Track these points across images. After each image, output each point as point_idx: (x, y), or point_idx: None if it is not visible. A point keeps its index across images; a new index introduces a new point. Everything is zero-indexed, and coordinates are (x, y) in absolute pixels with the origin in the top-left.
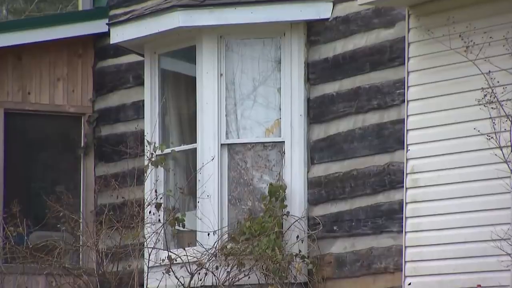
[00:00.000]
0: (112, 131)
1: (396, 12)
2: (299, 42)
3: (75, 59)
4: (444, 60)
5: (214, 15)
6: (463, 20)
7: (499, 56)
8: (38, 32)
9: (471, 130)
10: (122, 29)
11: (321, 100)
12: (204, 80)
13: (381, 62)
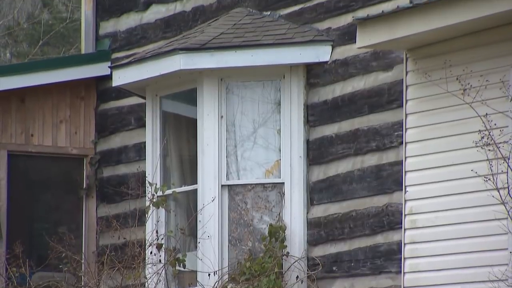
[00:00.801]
0: (114, 173)
1: (394, 55)
2: (298, 84)
3: (77, 101)
4: (441, 102)
5: (215, 58)
6: (460, 63)
7: (496, 99)
8: (41, 75)
9: (469, 172)
10: (124, 72)
11: (321, 141)
12: (204, 122)
13: (379, 104)
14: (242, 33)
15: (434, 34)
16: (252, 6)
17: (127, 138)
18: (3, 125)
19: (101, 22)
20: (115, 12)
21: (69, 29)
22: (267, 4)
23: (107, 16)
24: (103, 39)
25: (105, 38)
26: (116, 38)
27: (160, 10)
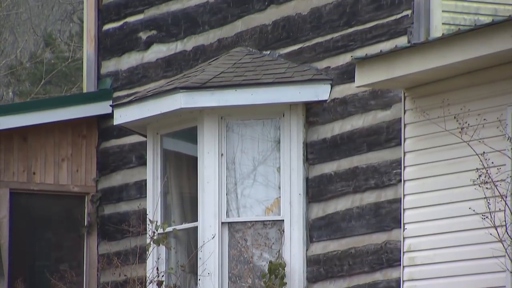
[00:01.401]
0: (115, 210)
1: (392, 94)
2: (298, 123)
3: (79, 139)
4: (439, 141)
5: (215, 97)
6: (458, 102)
7: (493, 137)
8: (43, 114)
9: (467, 209)
10: (125, 110)
11: (320, 179)
12: (205, 160)
13: (378, 142)
14: (242, 72)
15: (432, 73)
16: (252, 46)
17: (128, 176)
18: (6, 164)
19: (102, 61)
20: (116, 52)
21: (71, 68)
22: (267, 43)
23: (108, 55)
24: (104, 78)
25: (107, 77)
26: (118, 77)
27: (161, 50)
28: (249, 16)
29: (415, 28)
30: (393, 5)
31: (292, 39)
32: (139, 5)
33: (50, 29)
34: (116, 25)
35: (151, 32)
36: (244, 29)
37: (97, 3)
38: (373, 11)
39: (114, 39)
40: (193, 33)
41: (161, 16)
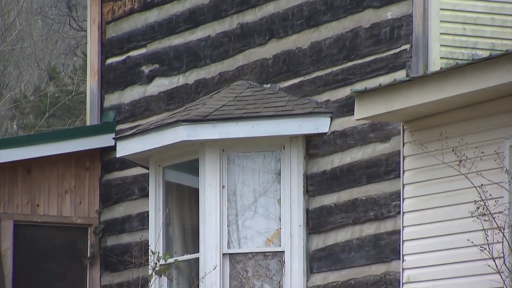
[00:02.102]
0: (117, 241)
1: (391, 127)
2: (298, 155)
3: (82, 172)
4: (438, 173)
5: (217, 129)
6: (456, 135)
7: (491, 170)
8: (47, 147)
9: (465, 241)
10: (128, 143)
11: (320, 211)
12: (206, 192)
13: (377, 174)
14: (243, 105)
15: (430, 106)
16: (253, 79)
17: (130, 208)
18: (10, 196)
19: (105, 95)
20: (119, 85)
21: (74, 102)
22: (268, 77)
23: (111, 89)
24: (107, 111)
25: (110, 110)
26: (121, 110)
27: (163, 83)
28: (250, 50)
29: (413, 62)
30: (392, 40)
31: (292, 72)
32: (141, 40)
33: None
34: (119, 59)
35: (154, 66)
36: (245, 63)
37: (100, 38)
38: (372, 45)
39: (117, 72)
40: (195, 67)
41: (163, 50)
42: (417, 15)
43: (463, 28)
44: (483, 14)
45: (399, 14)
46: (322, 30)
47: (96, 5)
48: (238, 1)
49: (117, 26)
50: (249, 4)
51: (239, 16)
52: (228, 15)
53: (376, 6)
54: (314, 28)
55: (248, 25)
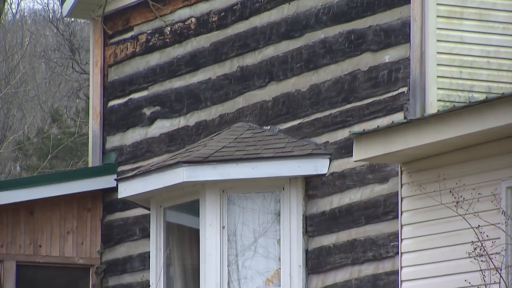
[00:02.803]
0: (119, 282)
1: (389, 168)
2: (297, 196)
3: (84, 213)
4: (435, 214)
5: (217, 171)
6: (453, 177)
7: (488, 211)
8: (49, 188)
9: (463, 282)
10: (130, 184)
11: (319, 251)
12: (207, 232)
13: (375, 215)
14: (243, 147)
15: (427, 148)
16: (253, 121)
17: (132, 248)
18: (12, 237)
19: (108, 137)
20: (121, 127)
21: (77, 143)
22: (267, 119)
23: (113, 130)
24: (109, 153)
25: (112, 151)
26: (122, 151)
27: (165, 125)
28: (250, 92)
29: (411, 105)
30: (390, 83)
31: (292, 114)
32: (143, 82)
33: (57, 105)
34: (121, 101)
35: (155, 108)
36: (245, 105)
37: (102, 80)
38: (370, 88)
39: (119, 115)
40: (195, 109)
41: (164, 92)
42: (415, 58)
43: (460, 71)
44: (479, 58)
45: (396, 58)
46: (321, 73)
47: (98, 49)
48: (238, 45)
49: (119, 69)
50: (249, 48)
51: (239, 59)
52: (229, 58)
53: (374, 49)
54: (313, 71)
55: (248, 68)
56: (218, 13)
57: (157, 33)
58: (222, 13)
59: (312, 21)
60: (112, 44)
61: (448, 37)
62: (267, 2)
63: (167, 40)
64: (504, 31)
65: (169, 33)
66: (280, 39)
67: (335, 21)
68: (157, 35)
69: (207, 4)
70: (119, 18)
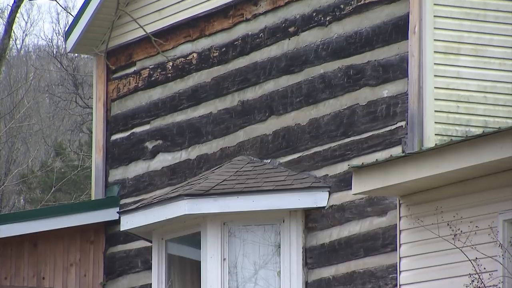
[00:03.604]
0: None
1: (388, 201)
2: (297, 228)
3: (87, 245)
4: (433, 247)
5: (218, 203)
6: (451, 210)
7: (485, 244)
8: (53, 220)
9: None
10: (132, 217)
11: (318, 283)
12: (208, 264)
13: (374, 248)
14: (244, 180)
15: (425, 181)
16: (253, 154)
17: (134, 280)
18: (16, 269)
19: (110, 170)
20: (123, 161)
21: (80, 176)
22: (268, 152)
23: (116, 164)
24: (112, 186)
25: (114, 184)
26: (125, 184)
27: (167, 159)
28: (251, 126)
29: (409, 139)
30: (388, 117)
31: (291, 148)
32: (145, 117)
33: (60, 139)
34: (123, 135)
35: (157, 142)
36: (246, 139)
37: (105, 115)
38: (368, 122)
39: (121, 148)
40: (197, 143)
41: (166, 126)
42: (413, 93)
43: (457, 106)
44: (476, 93)
45: (395, 92)
46: (320, 107)
47: (101, 84)
48: (239, 79)
49: (122, 104)
50: (249, 82)
51: (240, 94)
52: (230, 93)
53: (373, 84)
54: (312, 105)
55: (249, 102)
56: (219, 48)
57: (159, 68)
58: (223, 48)
59: (311, 57)
60: (115, 79)
61: (446, 72)
62: (267, 38)
63: (169, 75)
64: (500, 66)
65: (171, 68)
66: (280, 74)
67: (334, 56)
68: (159, 70)
69: (209, 39)
70: (122, 54)
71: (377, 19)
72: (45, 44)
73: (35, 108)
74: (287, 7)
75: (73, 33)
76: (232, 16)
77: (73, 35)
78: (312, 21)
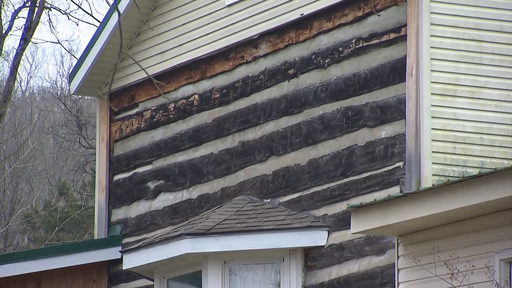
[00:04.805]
0: None
1: (386, 240)
2: (297, 267)
3: (90, 284)
4: (431, 285)
5: (219, 243)
6: (448, 249)
7: (482, 283)
8: (56, 260)
9: None
10: (134, 256)
11: None
12: None
13: (373, 286)
14: (244, 219)
15: (423, 221)
16: (254, 194)
17: None
18: None
19: (113, 210)
20: (126, 200)
21: (83, 216)
22: (268, 192)
23: (118, 204)
24: (114, 225)
25: (117, 224)
26: (127, 224)
27: (168, 198)
28: (251, 166)
29: (407, 179)
30: (386, 157)
31: (291, 188)
32: (147, 157)
33: (64, 179)
34: (126, 175)
35: (159, 182)
36: (246, 179)
37: (108, 155)
38: (367, 162)
39: (124, 188)
40: (198, 183)
41: (168, 167)
42: (410, 134)
43: (454, 147)
44: (473, 134)
45: (392, 133)
46: (320, 148)
47: (104, 125)
48: (239, 120)
49: (124, 144)
50: (250, 123)
51: (240, 134)
52: (230, 133)
53: (371, 125)
54: (311, 146)
55: (249, 143)
56: (220, 90)
57: (161, 109)
58: (224, 90)
59: (310, 98)
60: (118, 120)
61: (442, 114)
62: (267, 80)
63: (171, 116)
64: (496, 108)
65: (173, 109)
66: (280, 115)
67: (333, 98)
68: (161, 111)
69: (210, 81)
70: (125, 95)
71: (375, 61)
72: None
73: (39, 149)
74: (287, 49)
75: (77, 75)
76: (232, 59)
77: (77, 77)
78: (311, 63)
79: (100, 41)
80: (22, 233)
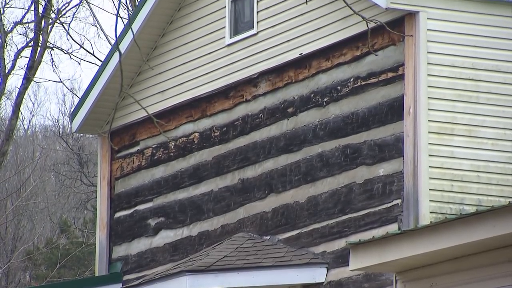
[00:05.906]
0: None
1: (384, 277)
2: None
3: None
4: None
5: (219, 279)
6: (445, 286)
7: None
8: None
9: None
10: None
11: None
12: None
13: None
14: (244, 256)
15: (421, 258)
16: (253, 231)
17: None
18: None
19: (114, 247)
20: (127, 238)
21: (84, 253)
22: (267, 229)
23: (119, 241)
24: (115, 262)
25: (118, 261)
26: (128, 261)
27: (169, 235)
28: (251, 204)
29: (405, 216)
30: (384, 195)
31: (290, 225)
32: (148, 194)
33: (65, 217)
34: (127, 212)
35: (160, 219)
36: (246, 216)
37: (109, 193)
38: (365, 200)
39: (125, 225)
40: (198, 220)
41: (169, 204)
42: (408, 172)
43: (451, 184)
44: (470, 172)
45: (390, 171)
46: (318, 185)
47: (106, 163)
48: (239, 158)
49: (125, 182)
50: (249, 161)
51: (240, 172)
52: (230, 171)
53: (369, 163)
54: (310, 183)
55: (249, 180)
56: (220, 128)
57: (162, 147)
58: (224, 128)
59: (309, 136)
60: (119, 158)
61: (440, 152)
62: (266, 118)
63: (172, 154)
64: (493, 146)
65: (174, 147)
66: (279, 153)
67: (331, 136)
68: (162, 149)
69: (210, 120)
70: (126, 133)
71: (373, 100)
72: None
73: (41, 187)
74: (286, 88)
75: (79, 114)
76: (232, 97)
77: (78, 116)
78: (310, 102)
79: (102, 80)
80: (23, 270)
